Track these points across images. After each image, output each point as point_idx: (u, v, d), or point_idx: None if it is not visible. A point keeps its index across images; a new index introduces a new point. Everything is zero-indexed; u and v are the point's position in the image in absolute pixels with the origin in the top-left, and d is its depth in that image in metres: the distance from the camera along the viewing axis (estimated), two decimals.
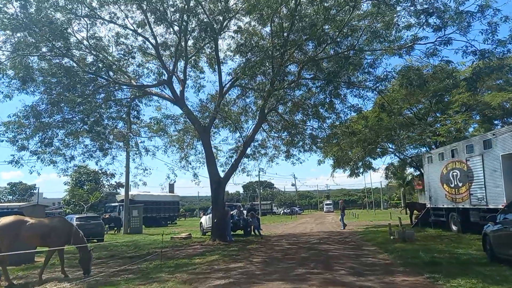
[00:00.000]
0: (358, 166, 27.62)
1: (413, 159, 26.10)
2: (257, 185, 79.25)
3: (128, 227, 30.63)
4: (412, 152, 27.25)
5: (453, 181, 17.62)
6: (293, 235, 21.19)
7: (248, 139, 18.39)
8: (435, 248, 12.71)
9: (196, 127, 17.85)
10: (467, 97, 20.23)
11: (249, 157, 22.32)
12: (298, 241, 17.39)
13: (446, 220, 18.69)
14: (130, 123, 22.62)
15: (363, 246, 14.53)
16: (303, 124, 21.08)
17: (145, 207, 41.69)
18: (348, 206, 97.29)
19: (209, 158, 17.94)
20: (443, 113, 22.11)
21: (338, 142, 20.24)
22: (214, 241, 17.32)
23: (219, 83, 17.42)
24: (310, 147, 23.20)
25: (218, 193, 17.65)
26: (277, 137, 22.43)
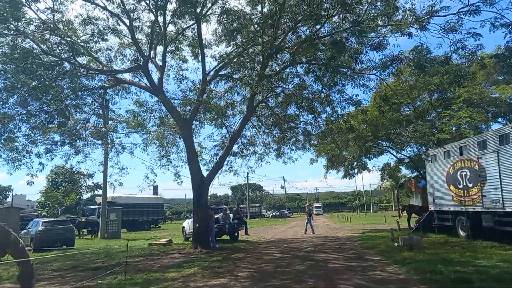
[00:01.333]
0: (353, 166, 25.83)
1: (411, 158, 24.43)
2: (246, 187, 77.25)
3: (106, 231, 28.30)
4: (410, 152, 25.59)
5: (461, 182, 15.91)
6: (284, 241, 19.25)
7: (235, 133, 16.41)
8: (451, 258, 10.89)
9: (175, 118, 15.79)
10: (473, 91, 18.59)
11: (237, 155, 20.32)
12: (291, 249, 15.45)
13: (452, 225, 16.96)
14: (105, 118, 20.46)
15: (365, 255, 12.65)
16: (296, 119, 19.18)
17: (127, 210, 39.58)
18: (338, 209, 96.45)
19: (191, 154, 15.90)
20: (446, 109, 20.48)
21: (334, 138, 18.37)
22: (195, 248, 15.27)
23: (202, 70, 15.42)
24: (302, 145, 21.34)
25: (201, 194, 15.62)
26: (268, 133, 20.48)
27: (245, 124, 16.79)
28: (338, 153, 23.19)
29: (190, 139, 15.87)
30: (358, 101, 16.53)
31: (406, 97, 19.14)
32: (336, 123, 18.19)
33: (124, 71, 15.90)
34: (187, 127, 15.73)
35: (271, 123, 20.09)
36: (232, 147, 16.73)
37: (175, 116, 15.52)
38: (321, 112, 18.32)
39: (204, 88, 15.18)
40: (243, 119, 16.28)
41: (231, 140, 16.32)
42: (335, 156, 24.52)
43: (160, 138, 19.95)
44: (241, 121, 16.40)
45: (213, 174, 16.30)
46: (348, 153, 23.83)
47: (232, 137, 16.37)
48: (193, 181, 15.84)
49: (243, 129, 17.12)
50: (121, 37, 16.29)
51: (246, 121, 16.54)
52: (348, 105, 16.95)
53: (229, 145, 16.36)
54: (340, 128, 18.66)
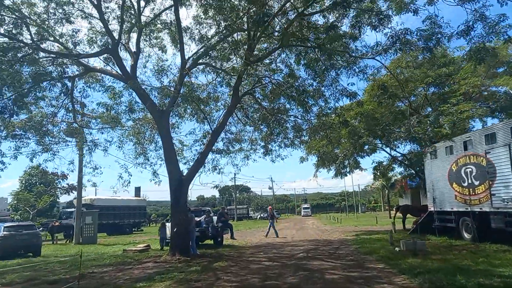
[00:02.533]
0: (344, 165, 24.41)
1: (406, 156, 23.14)
2: (233, 189, 75.50)
3: (81, 236, 26.24)
4: (405, 149, 24.30)
5: (466, 179, 14.57)
6: (273, 245, 17.65)
7: (218, 126, 14.74)
8: (466, 266, 9.45)
9: (150, 109, 14.05)
10: (474, 83, 17.30)
11: (222, 153, 18.65)
12: (280, 255, 13.85)
13: (455, 227, 15.62)
14: (75, 112, 18.54)
15: (365, 263, 11.13)
16: (285, 113, 17.65)
17: (107, 213, 37.55)
18: (326, 210, 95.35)
19: (168, 151, 14.17)
20: (444, 103, 19.19)
21: (326, 133, 16.87)
22: (173, 256, 13.55)
23: (180, 55, 13.70)
24: (292, 142, 19.81)
25: (179, 194, 13.90)
26: (255, 128, 18.89)
27: (229, 117, 15.16)
28: (329, 150, 21.72)
29: (167, 133, 14.15)
30: (353, 93, 15.14)
31: (401, 91, 17.77)
32: (328, 117, 16.76)
33: (91, 55, 14.05)
34: (164, 120, 14.00)
35: (258, 118, 18.51)
36: (214, 141, 15.06)
37: (149, 106, 13.76)
38: (313, 105, 16.85)
39: (183, 75, 13.48)
40: (227, 111, 14.64)
41: (214, 134, 14.64)
42: (326, 154, 23.07)
43: (136, 134, 18.16)
44: (225, 113, 14.76)
45: (193, 173, 14.59)
46: (340, 150, 22.39)
47: (215, 130, 14.70)
48: (171, 181, 14.12)
49: (227, 122, 15.46)
50: (89, 19, 14.47)
51: (230, 113, 14.91)
52: (342, 97, 15.57)
53: (211, 140, 14.68)
54: (332, 123, 17.23)
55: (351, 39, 13.66)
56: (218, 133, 15.02)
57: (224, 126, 15.13)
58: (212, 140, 14.66)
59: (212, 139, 14.61)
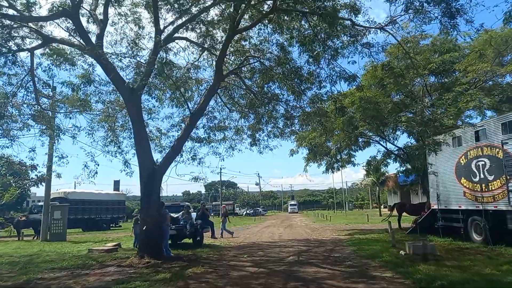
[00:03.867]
0: (337, 159, 22.65)
1: (403, 150, 21.49)
2: (219, 184, 73.43)
3: (49, 232, 23.92)
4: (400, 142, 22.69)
5: (477, 174, 12.93)
6: (259, 246, 15.78)
7: (199, 108, 12.73)
8: (495, 277, 7.74)
9: (116, 85, 11.96)
10: (483, 68, 15.65)
11: (203, 142, 16.65)
12: (267, 258, 11.98)
13: (463, 227, 13.99)
14: (37, 93, 16.26)
15: (369, 269, 9.33)
16: (274, 99, 15.77)
17: (82, 207, 35.41)
18: (313, 207, 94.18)
19: (139, 135, 12.12)
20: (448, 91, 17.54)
21: (320, 121, 15.02)
22: (141, 258, 11.52)
23: (154, 20, 11.62)
24: (281, 132, 17.97)
25: (151, 187, 11.89)
26: (241, 116, 16.95)
27: (210, 97, 13.17)
28: (322, 141, 19.92)
29: (138, 115, 12.08)
30: (352, 76, 13.34)
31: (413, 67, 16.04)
32: (323, 102, 14.96)
33: (45, 18, 11.82)
34: (135, 100, 11.93)
35: (245, 104, 16.57)
36: (193, 126, 13.01)
37: (116, 81, 11.66)
38: (306, 89, 15.01)
39: (158, 47, 11.41)
40: (208, 90, 12.66)
41: (193, 117, 12.62)
42: (318, 146, 21.26)
43: (107, 118, 16.03)
44: (206, 93, 12.77)
45: (168, 162, 12.55)
46: (334, 142, 20.60)
47: (194, 112, 12.69)
48: (142, 171, 12.08)
49: (208, 103, 13.45)
50: None
51: (212, 93, 12.92)
52: (340, 80, 13.74)
53: (189, 124, 12.65)
54: (325, 111, 15.45)
55: (353, 12, 11.86)
56: (198, 116, 13.00)
57: (204, 108, 13.11)
58: (191, 124, 12.62)
59: (190, 123, 12.58)
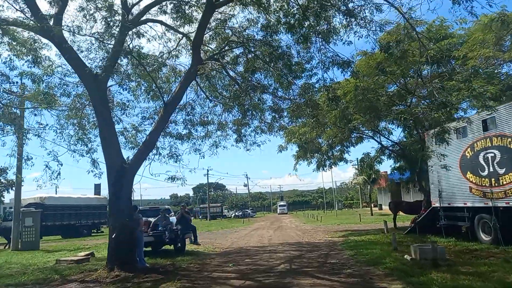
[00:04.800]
0: (329, 156, 21.34)
1: (399, 144, 20.31)
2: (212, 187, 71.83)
3: (20, 240, 22.05)
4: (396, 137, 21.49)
5: (486, 167, 11.72)
6: (246, 251, 14.32)
7: (174, 97, 11.22)
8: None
9: (77, 70, 10.38)
10: (487, 53, 14.50)
11: (183, 138, 15.13)
12: (256, 267, 10.54)
13: (469, 226, 12.78)
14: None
15: (374, 279, 7.97)
16: (261, 90, 14.36)
17: (61, 213, 33.44)
18: (302, 207, 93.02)
19: (105, 129, 10.56)
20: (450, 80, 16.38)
21: (313, 113, 13.66)
22: (110, 271, 10.00)
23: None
24: (269, 126, 16.58)
25: (120, 188, 10.34)
26: (224, 109, 15.49)
27: (187, 84, 11.65)
28: (313, 136, 18.58)
29: (103, 105, 10.53)
30: (346, 62, 12.04)
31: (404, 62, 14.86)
32: (315, 93, 13.64)
33: None
34: (99, 88, 10.36)
35: (229, 96, 15.11)
36: (168, 117, 11.44)
37: (75, 65, 10.09)
38: (296, 78, 13.66)
39: (125, 28, 9.89)
40: (185, 76, 11.15)
41: (167, 107, 11.09)
42: (309, 143, 19.89)
43: (76, 114, 14.38)
44: (183, 79, 11.28)
45: (139, 159, 11.01)
46: (325, 137, 19.26)
47: (169, 102, 11.17)
48: (109, 170, 10.54)
49: (185, 91, 11.92)
50: None
51: (190, 79, 11.42)
52: (333, 66, 12.42)
53: (163, 115, 11.12)
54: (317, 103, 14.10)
55: None
56: (173, 106, 11.46)
57: (180, 97, 11.56)
58: (165, 115, 11.08)
59: (164, 114, 11.04)
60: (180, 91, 11.17)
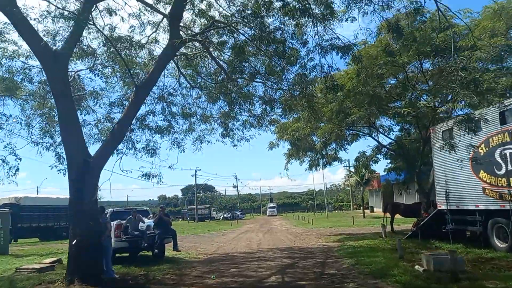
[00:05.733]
0: (323, 154, 19.97)
1: (398, 143, 19.02)
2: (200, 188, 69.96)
3: None
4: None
5: (503, 165, 10.40)
6: (233, 258, 12.78)
7: (148, 79, 9.65)
8: None
9: (28, 41, 8.75)
10: (499, 41, 13.27)
11: (163, 132, 13.57)
12: (242, 280, 9.02)
13: (482, 231, 11.46)
14: None
15: None
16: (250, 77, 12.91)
17: (38, 214, 31.70)
18: (292, 209, 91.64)
19: (66, 117, 8.94)
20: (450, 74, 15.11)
21: (309, 103, 12.21)
22: (70, 284, 8.43)
23: None
24: (259, 120, 15.15)
25: (82, 186, 8.75)
26: (209, 100, 14.02)
27: (163, 66, 10.11)
28: (306, 132, 17.19)
29: (64, 89, 8.90)
30: (347, 46, 10.71)
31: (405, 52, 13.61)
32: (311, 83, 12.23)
33: None
34: (59, 68, 8.76)
35: (214, 85, 13.61)
36: (139, 102, 9.76)
37: (29, 39, 8.47)
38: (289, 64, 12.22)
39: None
40: (161, 56, 9.60)
41: (139, 91, 9.52)
42: (301, 140, 18.49)
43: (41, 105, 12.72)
44: (159, 58, 9.73)
45: (106, 152, 9.41)
46: (320, 134, 17.85)
47: (141, 85, 9.60)
48: (71, 164, 8.96)
49: (161, 72, 10.36)
50: None
51: (167, 60, 9.87)
52: (331, 51, 11.04)
53: (134, 100, 9.54)
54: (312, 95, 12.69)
55: None
56: (146, 90, 9.87)
57: (155, 79, 9.96)
58: (137, 100, 9.48)
59: (136, 99, 9.45)
60: (155, 73, 9.60)
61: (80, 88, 13.35)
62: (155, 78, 9.86)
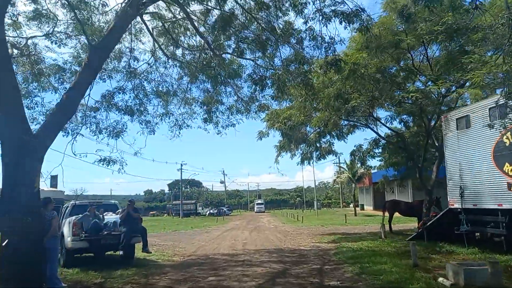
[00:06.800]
0: (317, 146, 18.21)
1: (400, 134, 17.35)
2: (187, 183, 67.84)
3: None
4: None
5: None
6: (212, 263, 10.91)
7: (105, 38, 7.67)
8: None
9: None
10: None
11: (134, 115, 11.61)
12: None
13: (507, 234, 9.83)
14: None
15: None
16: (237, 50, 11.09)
17: None
18: (280, 206, 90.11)
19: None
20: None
21: (306, 81, 10.41)
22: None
23: None
24: (247, 105, 13.36)
25: (17, 170, 6.80)
26: (190, 80, 12.13)
27: (127, 23, 8.16)
28: (300, 120, 15.40)
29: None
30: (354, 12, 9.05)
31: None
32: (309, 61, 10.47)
33: None
34: None
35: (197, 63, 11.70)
36: (95, 66, 7.65)
37: None
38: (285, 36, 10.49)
39: None
40: (124, 10, 7.64)
41: (94, 52, 7.55)
42: (294, 129, 16.68)
43: None
44: (120, 14, 7.78)
45: (52, 129, 7.41)
46: (315, 123, 16.08)
47: (97, 45, 7.63)
48: (5, 143, 6.97)
49: (123, 32, 8.42)
50: None
51: (132, 16, 7.92)
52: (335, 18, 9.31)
53: (87, 63, 7.51)
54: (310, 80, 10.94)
55: None
56: (105, 52, 7.85)
57: (115, 40, 7.91)
58: (92, 63, 7.48)
59: (91, 62, 7.46)
60: (114, 33, 7.61)
61: (38, 60, 11.34)
62: (115, 38, 7.83)
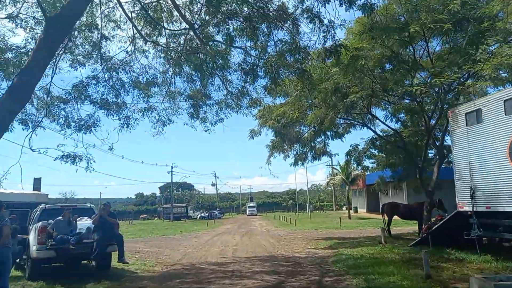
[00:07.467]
0: (312, 146, 17.16)
1: (399, 134, 16.39)
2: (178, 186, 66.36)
3: None
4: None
5: None
6: (197, 274, 9.72)
7: (63, 9, 6.47)
8: None
9: None
10: None
11: (109, 108, 10.44)
12: None
13: None
14: None
15: None
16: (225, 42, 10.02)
17: None
18: (272, 209, 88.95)
19: None
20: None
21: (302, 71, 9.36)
22: None
23: None
24: (237, 101, 12.29)
25: None
26: (174, 71, 11.02)
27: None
28: (295, 117, 14.34)
29: None
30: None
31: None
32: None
33: None
34: None
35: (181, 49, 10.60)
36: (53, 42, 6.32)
37: None
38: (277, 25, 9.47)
39: None
40: None
41: (51, 25, 6.32)
42: (288, 128, 15.63)
43: None
44: None
45: (3, 118, 6.22)
46: (310, 121, 14.99)
47: (54, 17, 6.44)
48: None
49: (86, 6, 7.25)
50: None
51: None
52: None
53: (44, 39, 6.25)
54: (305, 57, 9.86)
55: None
56: (62, 27, 6.59)
57: (76, 12, 6.67)
58: (48, 40, 6.26)
59: (47, 38, 6.24)
60: (74, 3, 6.41)
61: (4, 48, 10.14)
62: (76, 10, 6.62)
